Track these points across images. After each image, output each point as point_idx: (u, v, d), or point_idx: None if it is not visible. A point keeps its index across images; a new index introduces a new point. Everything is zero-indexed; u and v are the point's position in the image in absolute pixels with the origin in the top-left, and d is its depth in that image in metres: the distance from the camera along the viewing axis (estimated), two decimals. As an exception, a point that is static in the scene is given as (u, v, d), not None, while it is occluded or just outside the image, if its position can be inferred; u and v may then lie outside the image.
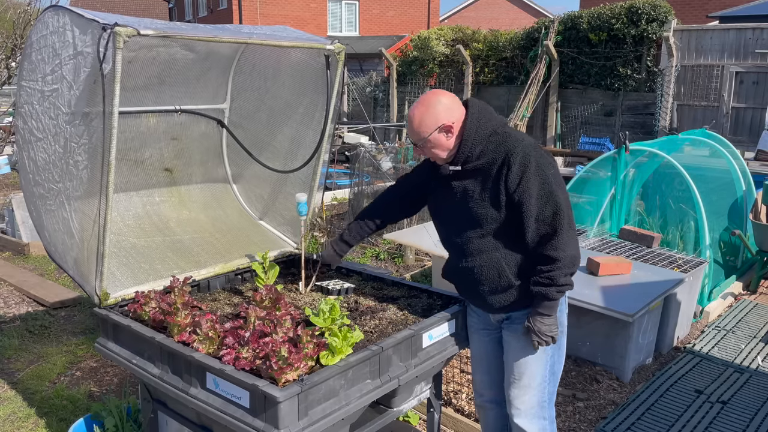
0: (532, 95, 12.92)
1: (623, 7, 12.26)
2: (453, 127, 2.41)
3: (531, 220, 2.34)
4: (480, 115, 2.43)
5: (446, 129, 2.41)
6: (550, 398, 2.65)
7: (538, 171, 2.32)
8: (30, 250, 6.93)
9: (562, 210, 2.32)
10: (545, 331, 2.43)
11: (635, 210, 6.36)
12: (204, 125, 3.57)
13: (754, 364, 4.42)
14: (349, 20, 25.90)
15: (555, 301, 2.40)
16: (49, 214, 2.82)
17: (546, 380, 2.59)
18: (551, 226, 2.33)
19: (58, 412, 3.74)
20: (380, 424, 2.59)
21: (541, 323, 2.42)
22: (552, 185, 2.32)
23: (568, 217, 2.33)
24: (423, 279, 5.98)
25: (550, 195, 2.32)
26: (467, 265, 2.53)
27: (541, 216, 2.33)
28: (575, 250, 2.37)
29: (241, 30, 3.00)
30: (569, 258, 2.34)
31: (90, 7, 12.40)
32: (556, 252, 2.33)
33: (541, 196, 2.32)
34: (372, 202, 2.96)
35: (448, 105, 2.42)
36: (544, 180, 2.32)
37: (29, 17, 11.54)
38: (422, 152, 2.51)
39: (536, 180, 2.32)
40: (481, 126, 2.41)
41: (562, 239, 2.32)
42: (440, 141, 2.43)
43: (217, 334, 2.34)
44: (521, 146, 2.35)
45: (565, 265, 2.34)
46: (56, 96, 2.59)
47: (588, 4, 15.76)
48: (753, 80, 11.28)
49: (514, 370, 2.58)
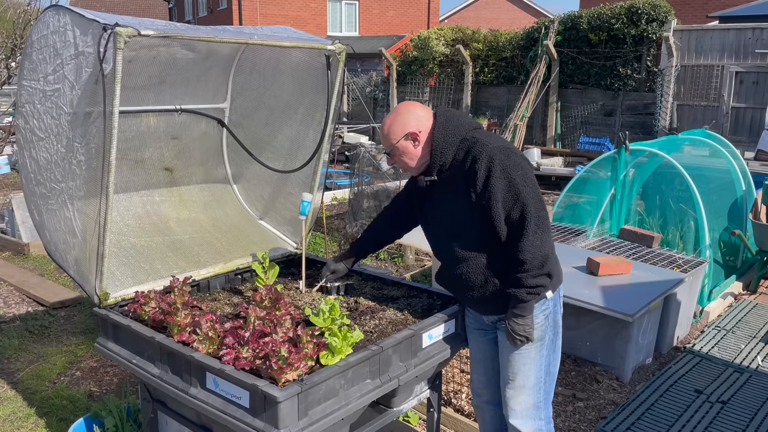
0: (532, 95, 12.92)
1: (623, 7, 12.26)
2: (419, 135, 2.47)
3: (501, 224, 2.36)
4: (447, 123, 2.47)
5: (413, 137, 2.47)
6: (547, 398, 2.65)
7: (504, 174, 2.33)
8: (30, 250, 6.94)
9: (530, 211, 2.32)
10: (519, 330, 2.44)
11: (635, 210, 6.37)
12: (204, 125, 3.57)
13: (754, 364, 4.42)
14: (349, 20, 25.90)
15: (527, 302, 2.41)
16: (51, 214, 2.82)
17: (541, 381, 2.59)
18: (519, 227, 2.34)
19: (58, 412, 3.74)
20: (380, 424, 2.59)
21: (515, 323, 2.44)
22: (518, 186, 2.33)
23: (536, 218, 2.33)
24: (423, 279, 5.97)
25: (516, 197, 2.33)
26: (455, 272, 2.58)
27: (509, 219, 2.35)
28: (544, 250, 2.35)
29: (241, 30, 3.00)
30: (537, 259, 2.34)
31: (90, 7, 12.39)
32: (523, 254, 2.34)
33: (508, 199, 2.34)
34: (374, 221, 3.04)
35: (417, 114, 2.49)
36: (510, 182, 2.33)
37: (29, 17, 11.54)
38: (394, 161, 2.57)
39: (501, 183, 2.33)
40: (449, 133, 2.45)
41: (529, 240, 2.32)
42: (408, 149, 2.49)
43: (217, 334, 2.34)
44: (486, 150, 2.37)
45: (533, 267, 2.35)
46: (58, 96, 2.59)
47: (588, 4, 15.76)
48: (753, 80, 11.29)
49: (509, 370, 2.60)
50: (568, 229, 5.92)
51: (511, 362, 2.57)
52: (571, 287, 4.23)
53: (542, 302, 2.51)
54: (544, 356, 2.57)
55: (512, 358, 2.57)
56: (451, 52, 15.15)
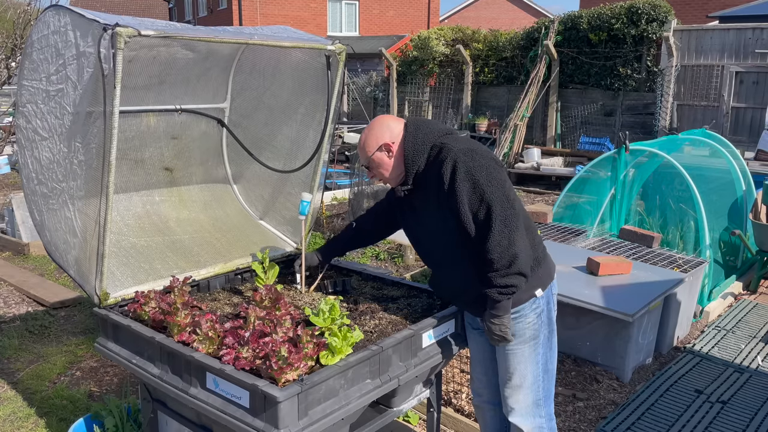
0: (532, 95, 12.92)
1: (623, 7, 12.26)
2: (392, 146, 2.50)
3: (470, 225, 2.37)
4: (416, 132, 2.50)
5: (387, 148, 2.51)
6: (546, 396, 2.65)
7: (467, 176, 2.33)
8: (30, 250, 6.94)
9: (495, 211, 2.31)
10: (495, 330, 2.42)
11: (635, 210, 6.37)
12: (204, 125, 3.57)
13: (754, 364, 4.42)
14: (349, 20, 25.90)
15: (500, 302, 2.39)
16: (51, 213, 2.82)
17: (539, 378, 2.60)
18: (485, 228, 2.33)
19: (58, 412, 3.74)
20: (380, 424, 2.59)
21: (491, 323, 2.42)
22: (483, 187, 2.32)
23: (502, 218, 2.31)
24: (423, 279, 5.98)
25: (481, 198, 2.32)
26: (444, 277, 2.63)
27: (476, 219, 2.35)
28: (513, 249, 2.31)
29: (242, 30, 3.00)
30: (506, 258, 2.31)
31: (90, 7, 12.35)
32: (490, 254, 2.32)
33: (473, 201, 2.34)
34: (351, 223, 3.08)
35: (390, 126, 2.54)
36: (474, 184, 2.33)
37: (29, 17, 11.54)
38: (373, 174, 2.61)
39: (465, 185, 2.33)
40: (418, 141, 2.48)
41: (495, 240, 2.31)
42: (383, 160, 2.53)
43: (217, 334, 2.34)
44: (451, 155, 2.38)
45: (501, 266, 2.32)
46: (61, 96, 2.59)
47: (588, 4, 15.76)
48: (753, 80, 11.29)
49: (505, 370, 2.60)
50: (568, 229, 5.92)
51: (507, 362, 2.58)
52: (571, 287, 4.23)
53: (533, 301, 2.51)
54: (540, 354, 2.57)
55: (508, 358, 2.57)
56: (451, 52, 15.15)
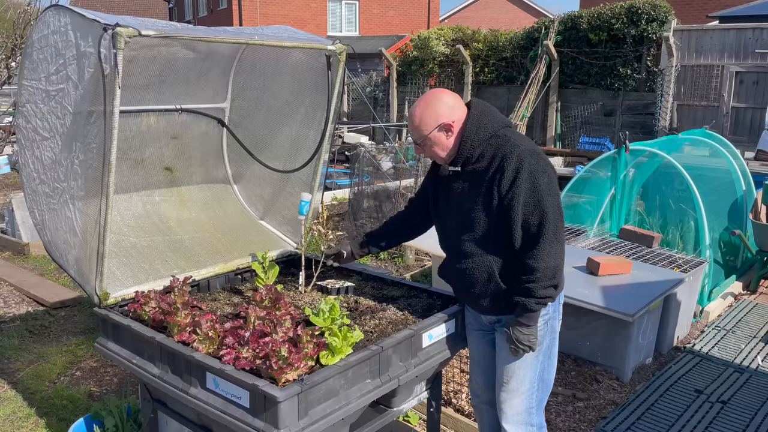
0: (532, 95, 12.92)
1: (623, 7, 12.26)
2: (453, 126, 2.42)
3: (517, 227, 2.34)
4: (481, 116, 2.42)
5: (446, 127, 2.42)
6: (539, 405, 2.63)
7: (530, 178, 2.31)
8: (30, 250, 6.93)
9: (549, 220, 2.30)
10: (523, 340, 2.41)
11: (635, 210, 6.37)
12: (204, 125, 3.57)
13: (754, 364, 4.42)
14: (349, 20, 25.89)
15: (535, 312, 2.39)
16: (52, 213, 2.82)
17: (534, 386, 2.58)
18: (536, 235, 2.32)
19: (58, 412, 3.74)
20: (380, 424, 2.59)
21: (519, 332, 2.41)
22: (542, 194, 2.31)
23: (554, 228, 2.31)
24: (423, 279, 5.98)
25: (538, 204, 2.31)
26: (460, 266, 2.54)
27: (526, 224, 2.33)
28: (557, 261, 2.33)
29: (242, 30, 3.00)
30: (550, 269, 2.32)
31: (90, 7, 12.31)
32: (536, 262, 2.31)
33: (528, 204, 2.31)
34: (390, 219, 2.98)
35: (450, 104, 2.43)
36: (534, 188, 2.31)
37: (29, 17, 11.54)
38: (422, 151, 2.52)
39: (526, 187, 2.30)
40: (481, 127, 2.41)
41: (544, 249, 2.30)
42: (440, 139, 2.44)
43: (217, 334, 2.34)
44: (517, 151, 2.33)
45: (545, 277, 2.32)
46: (62, 96, 2.59)
47: (588, 4, 15.76)
48: (753, 80, 11.29)
49: (504, 373, 2.59)
50: (568, 229, 5.92)
51: (507, 365, 2.57)
52: (571, 287, 4.23)
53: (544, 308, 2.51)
54: (540, 362, 2.56)
55: (508, 361, 2.56)
56: (451, 52, 15.15)
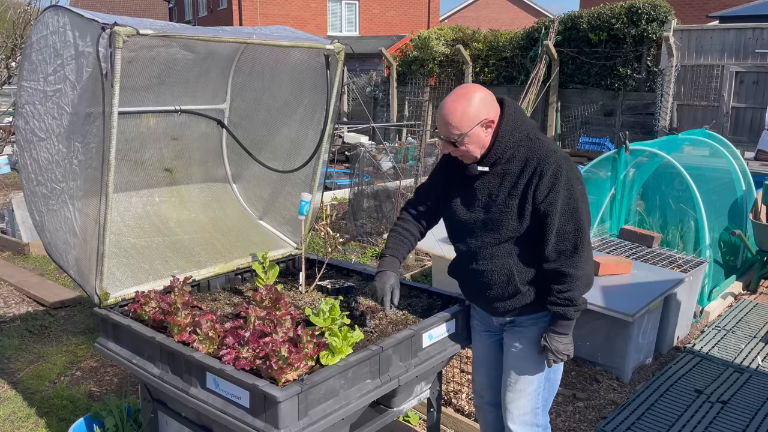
0: (532, 95, 12.92)
1: (623, 7, 12.27)
2: (493, 123, 2.35)
3: (551, 234, 2.31)
4: (516, 117, 2.37)
5: (487, 124, 2.33)
6: (545, 405, 2.63)
7: (567, 185, 2.29)
8: (30, 250, 6.93)
9: (583, 227, 2.30)
10: (562, 350, 2.42)
11: (635, 210, 6.36)
12: (204, 125, 3.57)
13: (754, 364, 4.42)
14: (349, 20, 25.90)
15: (572, 320, 2.39)
16: (51, 214, 2.82)
17: (542, 387, 2.58)
18: (572, 242, 2.31)
19: (58, 412, 3.74)
20: (380, 424, 2.59)
21: (558, 342, 2.41)
22: (578, 201, 2.30)
23: (587, 236, 2.32)
24: (423, 279, 5.97)
25: (574, 211, 2.30)
26: (477, 267, 2.49)
27: (561, 231, 2.31)
28: (590, 268, 2.36)
29: (240, 30, 3.00)
30: (586, 276, 2.34)
31: (90, 7, 12.38)
32: (576, 270, 2.31)
33: (565, 211, 2.30)
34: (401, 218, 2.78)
35: (489, 100, 2.36)
36: (571, 195, 2.29)
37: (29, 17, 11.53)
38: (452, 149, 2.39)
39: (564, 194, 2.29)
40: (516, 128, 2.35)
41: (582, 257, 2.31)
42: (479, 137, 2.33)
43: (217, 334, 2.34)
44: (555, 157, 2.30)
45: (583, 285, 2.33)
46: (59, 96, 2.59)
47: (588, 4, 15.76)
48: (753, 80, 11.29)
49: (511, 374, 2.58)
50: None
51: (515, 366, 2.56)
52: (571, 287, 4.23)
53: None
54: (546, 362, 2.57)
55: (516, 362, 2.55)
56: (451, 52, 15.15)
